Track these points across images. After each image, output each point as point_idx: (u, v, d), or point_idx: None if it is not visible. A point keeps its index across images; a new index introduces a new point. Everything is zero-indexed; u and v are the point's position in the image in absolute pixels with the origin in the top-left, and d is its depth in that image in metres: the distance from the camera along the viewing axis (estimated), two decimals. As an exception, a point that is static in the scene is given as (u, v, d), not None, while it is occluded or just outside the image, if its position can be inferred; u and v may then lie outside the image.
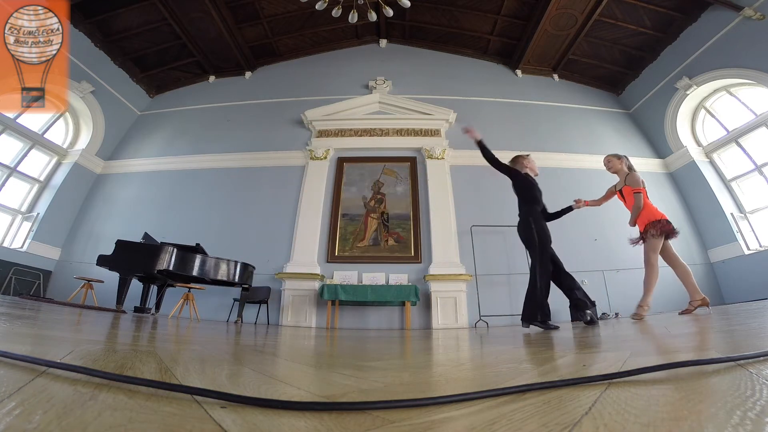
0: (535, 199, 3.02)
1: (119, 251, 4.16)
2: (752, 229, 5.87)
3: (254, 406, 0.40)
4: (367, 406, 0.41)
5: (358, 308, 5.52)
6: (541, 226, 2.88)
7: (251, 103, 8.02)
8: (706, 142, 6.75)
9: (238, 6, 7.17)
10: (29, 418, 0.32)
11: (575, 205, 3.29)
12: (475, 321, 5.24)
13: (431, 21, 7.92)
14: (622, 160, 3.36)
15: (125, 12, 6.77)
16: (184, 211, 6.62)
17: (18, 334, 1.09)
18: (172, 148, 7.54)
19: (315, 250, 5.97)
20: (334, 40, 8.44)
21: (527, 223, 2.91)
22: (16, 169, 6.44)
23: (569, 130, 7.31)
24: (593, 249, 5.89)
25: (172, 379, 0.57)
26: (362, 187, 6.59)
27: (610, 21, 6.79)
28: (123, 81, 7.77)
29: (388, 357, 1.22)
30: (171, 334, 1.86)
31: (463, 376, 0.77)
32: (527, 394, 0.46)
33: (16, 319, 1.64)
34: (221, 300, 5.59)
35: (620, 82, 7.91)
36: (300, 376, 0.74)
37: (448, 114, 7.13)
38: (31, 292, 5.94)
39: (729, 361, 0.56)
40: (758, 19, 5.50)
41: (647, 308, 3.04)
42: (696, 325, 1.87)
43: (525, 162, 3.25)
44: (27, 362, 0.53)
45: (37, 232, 6.33)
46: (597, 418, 0.35)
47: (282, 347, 1.52)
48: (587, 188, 6.55)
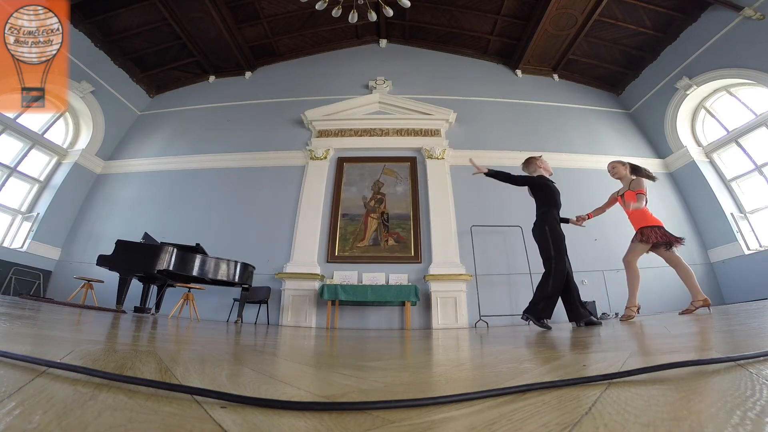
0: (552, 201, 3.01)
1: (119, 251, 4.16)
2: (752, 229, 5.87)
3: (254, 406, 0.40)
4: (367, 406, 0.41)
5: (358, 308, 5.52)
6: (554, 228, 2.88)
7: (251, 103, 8.02)
8: (706, 142, 6.75)
9: (238, 6, 7.17)
10: (29, 418, 0.32)
11: (576, 222, 3.31)
12: (475, 321, 5.24)
13: (431, 21, 7.92)
14: (626, 166, 3.40)
15: (125, 12, 6.77)
16: (184, 211, 6.62)
17: (18, 334, 1.09)
18: (172, 148, 7.54)
19: (315, 250, 5.97)
20: (334, 40, 8.44)
21: (542, 226, 2.92)
22: (16, 169, 6.44)
23: (569, 130, 7.31)
24: (593, 249, 5.89)
25: (172, 379, 0.57)
26: (362, 187, 6.59)
27: (610, 21, 6.79)
28: (123, 81, 7.78)
29: (388, 357, 1.22)
30: (171, 334, 1.86)
31: (463, 376, 0.77)
32: (527, 394, 0.46)
33: (16, 319, 1.64)
34: (221, 300, 5.59)
35: (620, 82, 7.91)
36: (300, 376, 0.74)
37: (448, 114, 7.13)
38: (31, 292, 5.94)
39: (729, 361, 0.56)
40: (758, 19, 5.50)
41: (635, 309, 3.10)
42: (696, 325, 1.87)
43: (539, 163, 3.26)
44: (27, 362, 0.53)
45: (37, 232, 6.33)
46: (597, 418, 0.35)
47: (282, 347, 1.52)
48: (587, 188, 6.56)
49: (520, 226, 5.50)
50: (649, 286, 5.68)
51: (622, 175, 3.40)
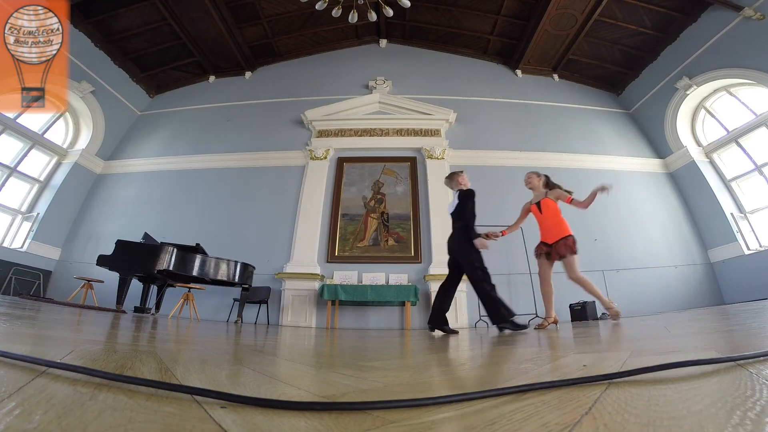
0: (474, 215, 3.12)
1: (119, 251, 4.16)
2: (752, 229, 5.87)
3: (254, 406, 0.40)
4: (367, 406, 0.41)
5: (358, 308, 5.52)
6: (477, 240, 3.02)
7: (251, 103, 8.02)
8: (706, 142, 6.74)
9: (238, 6, 7.17)
10: (29, 418, 0.32)
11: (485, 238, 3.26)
12: (475, 321, 5.24)
13: (431, 21, 7.92)
14: (541, 179, 3.47)
15: (125, 12, 6.77)
16: (184, 211, 6.62)
17: (18, 334, 1.09)
18: (172, 148, 7.54)
19: (315, 250, 5.97)
20: (334, 40, 8.44)
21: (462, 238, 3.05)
22: (16, 169, 6.44)
23: (569, 130, 7.31)
24: (593, 249, 5.88)
25: (172, 379, 0.57)
26: (362, 187, 6.59)
27: (610, 21, 6.79)
28: (123, 81, 7.77)
29: (388, 357, 1.22)
30: (171, 334, 1.86)
31: (463, 376, 0.77)
32: (527, 394, 0.46)
33: (16, 319, 1.64)
34: (221, 300, 5.59)
35: (620, 82, 7.91)
36: (300, 376, 0.74)
37: (448, 114, 7.13)
38: (31, 292, 5.94)
39: (729, 361, 0.56)
40: (758, 19, 5.50)
41: (615, 308, 3.07)
42: (696, 325, 1.87)
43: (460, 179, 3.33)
44: (27, 362, 0.53)
45: (37, 232, 6.33)
46: (597, 418, 0.35)
47: (282, 347, 1.52)
48: (587, 188, 6.55)
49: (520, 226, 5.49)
50: (649, 285, 5.71)
51: (535, 185, 3.46)
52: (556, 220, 3.25)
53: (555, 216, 3.25)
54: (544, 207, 3.33)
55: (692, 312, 3.94)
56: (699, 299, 5.62)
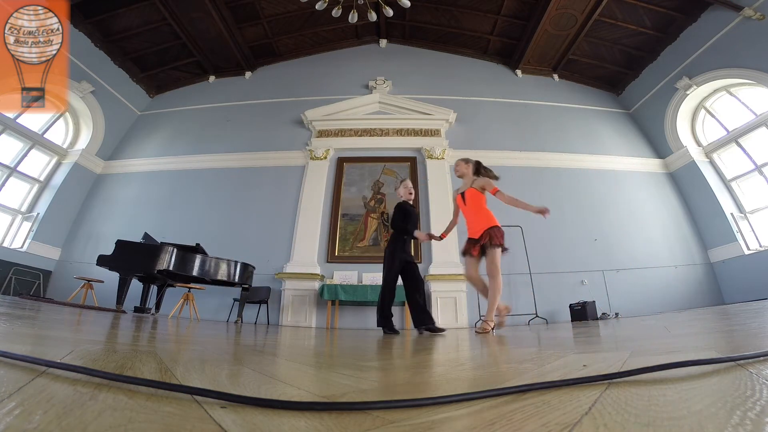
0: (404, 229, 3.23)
1: (119, 251, 4.16)
2: (752, 229, 5.87)
3: (254, 406, 0.40)
4: (367, 406, 0.41)
5: (358, 308, 5.52)
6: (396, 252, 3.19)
7: (251, 103, 8.02)
8: (706, 142, 6.75)
9: (238, 6, 7.17)
10: (29, 418, 0.32)
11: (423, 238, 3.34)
12: (475, 321, 5.24)
13: (431, 21, 7.92)
14: (469, 165, 3.15)
15: (125, 12, 6.77)
16: (184, 211, 6.63)
17: (18, 334, 1.09)
18: (172, 148, 7.54)
19: (315, 250, 5.97)
20: (334, 40, 8.44)
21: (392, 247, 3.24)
22: (16, 169, 6.44)
23: (569, 130, 7.31)
24: (593, 249, 5.89)
25: (172, 379, 0.57)
26: (362, 187, 6.59)
27: (610, 21, 6.79)
28: (123, 81, 7.78)
29: (388, 357, 1.22)
30: (171, 334, 1.86)
31: (463, 376, 0.77)
32: (527, 394, 0.46)
33: (16, 319, 1.64)
34: (221, 300, 5.60)
35: (620, 82, 7.91)
36: (300, 376, 0.74)
37: (448, 114, 7.13)
38: (31, 292, 5.94)
39: (729, 361, 0.56)
40: (758, 19, 5.50)
41: (490, 326, 2.74)
42: (696, 325, 1.87)
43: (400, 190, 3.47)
44: (27, 362, 0.53)
45: (37, 232, 6.33)
46: (597, 418, 0.35)
47: (282, 347, 1.52)
48: (587, 188, 6.57)
49: (520, 226, 5.50)
50: (649, 285, 5.71)
51: (463, 173, 3.14)
52: (480, 212, 2.93)
53: (479, 208, 2.93)
54: (468, 197, 2.99)
55: (692, 312, 3.94)
56: (699, 299, 5.62)
